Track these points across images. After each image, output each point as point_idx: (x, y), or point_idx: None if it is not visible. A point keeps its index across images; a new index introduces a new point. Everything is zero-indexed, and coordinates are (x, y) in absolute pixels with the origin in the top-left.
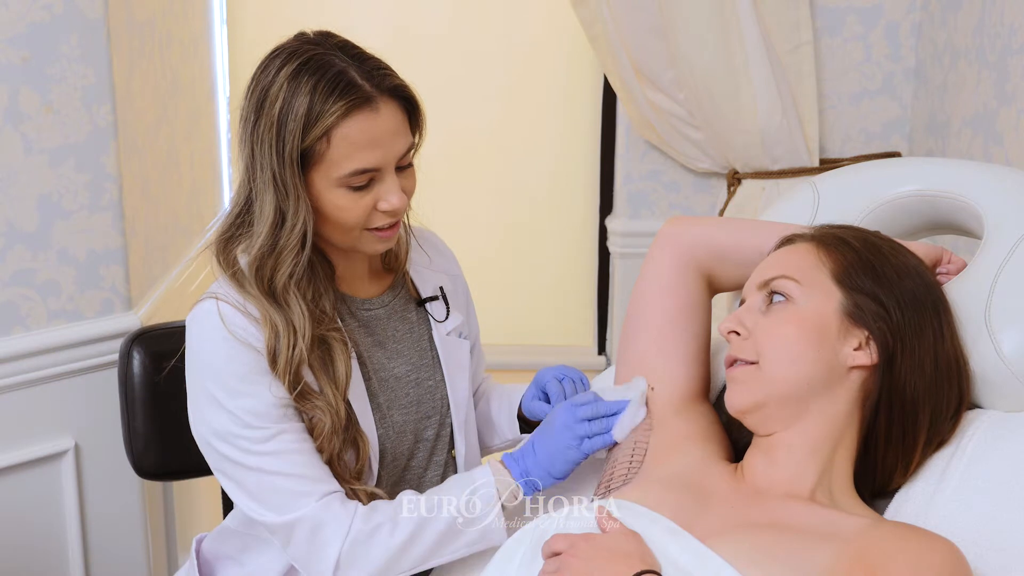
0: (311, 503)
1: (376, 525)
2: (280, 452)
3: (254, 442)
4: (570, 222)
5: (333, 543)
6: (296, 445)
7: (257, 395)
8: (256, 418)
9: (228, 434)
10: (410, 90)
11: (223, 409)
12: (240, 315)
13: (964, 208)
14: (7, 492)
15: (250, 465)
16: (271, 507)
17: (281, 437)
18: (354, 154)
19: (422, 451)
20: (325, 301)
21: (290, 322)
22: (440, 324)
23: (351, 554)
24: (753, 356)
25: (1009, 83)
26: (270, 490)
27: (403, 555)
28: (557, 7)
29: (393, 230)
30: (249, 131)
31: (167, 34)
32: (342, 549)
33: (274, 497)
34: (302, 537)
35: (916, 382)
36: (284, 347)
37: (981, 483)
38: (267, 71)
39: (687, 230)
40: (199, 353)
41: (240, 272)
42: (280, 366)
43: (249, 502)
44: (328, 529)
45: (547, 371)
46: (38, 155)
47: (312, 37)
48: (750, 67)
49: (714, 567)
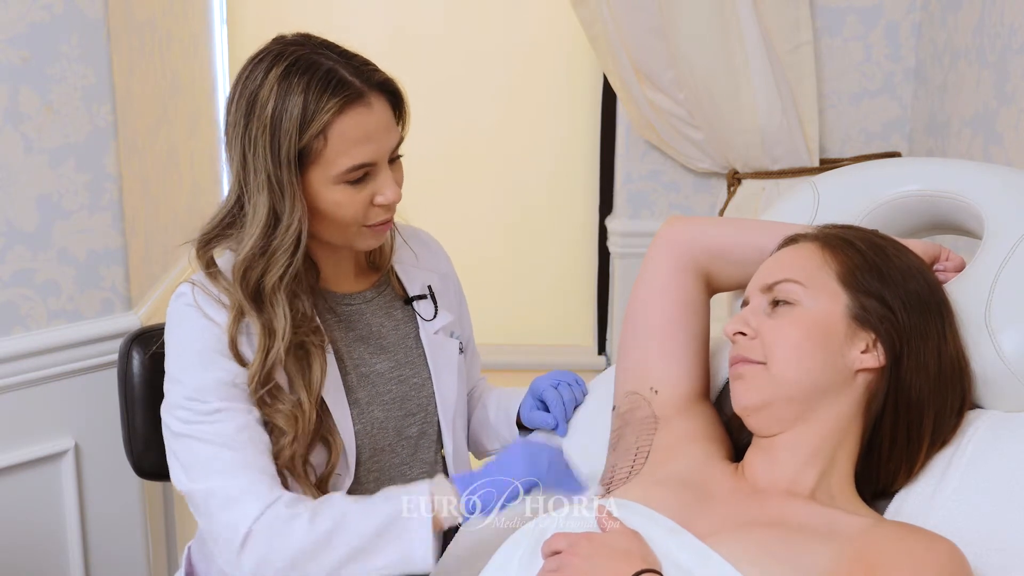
0: (234, 478)
1: (297, 512)
2: (218, 424)
3: (195, 413)
4: (570, 222)
5: (245, 518)
6: (236, 426)
7: (209, 371)
8: (201, 392)
9: (175, 405)
10: (396, 84)
11: (177, 383)
12: (212, 300)
13: (964, 208)
14: (7, 492)
15: (185, 433)
16: (193, 474)
17: (222, 415)
18: (351, 150)
19: (404, 448)
20: (305, 302)
21: (268, 326)
22: (427, 323)
23: (264, 535)
24: (761, 356)
25: (1009, 83)
26: (194, 456)
27: (316, 555)
28: (557, 7)
29: (387, 224)
30: (239, 136)
31: (167, 34)
32: (253, 527)
33: (197, 465)
34: (215, 506)
35: (921, 384)
36: (259, 350)
37: (981, 483)
38: (253, 75)
39: (686, 230)
40: (171, 332)
41: (217, 271)
42: (252, 368)
43: (176, 468)
44: (244, 503)
45: (541, 379)
46: (38, 155)
47: (293, 39)
48: (750, 67)
49: (714, 566)
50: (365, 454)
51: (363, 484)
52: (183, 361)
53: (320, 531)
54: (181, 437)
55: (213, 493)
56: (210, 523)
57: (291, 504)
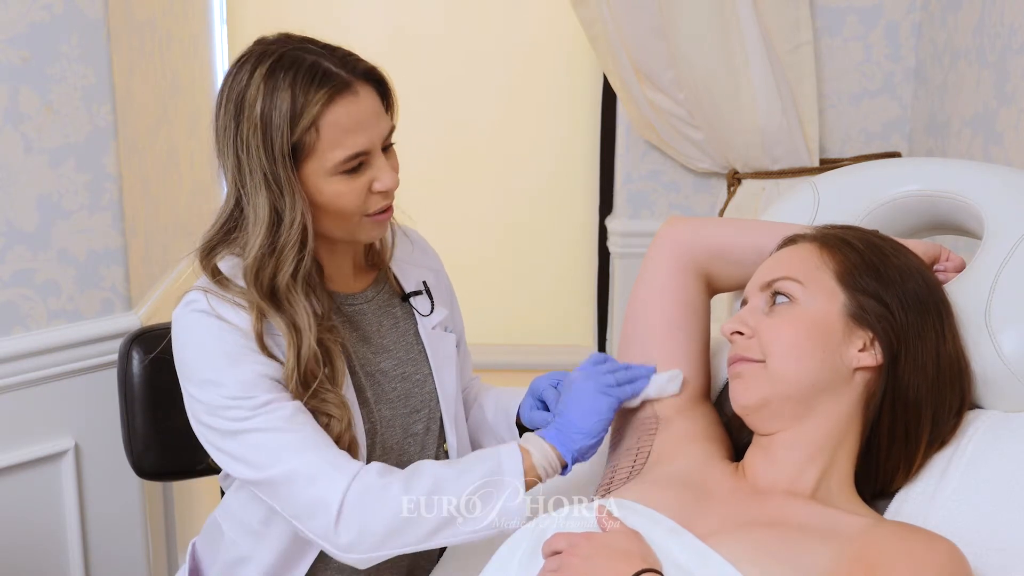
0: (309, 455)
1: (388, 481)
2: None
3: (247, 409)
4: (570, 222)
5: (336, 491)
6: (290, 411)
7: (245, 367)
8: (245, 388)
9: (219, 408)
10: (381, 72)
11: (213, 385)
12: (227, 304)
13: (964, 208)
14: (7, 492)
15: (243, 429)
16: (265, 462)
17: (273, 405)
18: (344, 139)
19: (412, 445)
20: (322, 300)
21: (292, 323)
22: (425, 318)
23: (358, 505)
24: (759, 355)
25: (1009, 83)
26: (260, 447)
27: (415, 521)
28: (557, 7)
29: (388, 213)
30: (231, 139)
31: (167, 34)
32: (345, 498)
33: (267, 453)
34: (300, 486)
35: (919, 383)
36: (289, 348)
37: (981, 483)
38: (238, 78)
39: (686, 230)
40: (189, 340)
41: (224, 279)
42: (287, 369)
43: (237, 465)
44: (330, 477)
45: (540, 379)
46: (38, 155)
47: (274, 38)
48: (750, 67)
49: (714, 566)
50: (375, 453)
51: None
52: (214, 363)
53: (417, 496)
54: (237, 435)
55: (295, 473)
56: (295, 505)
57: (382, 473)
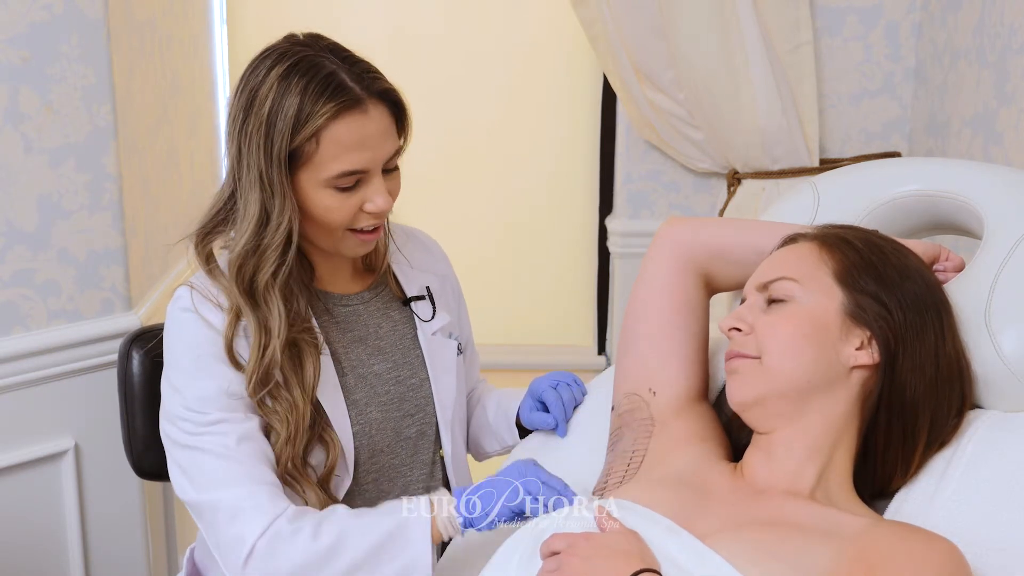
0: (238, 490)
1: (299, 527)
2: (219, 436)
3: (197, 424)
4: (570, 222)
5: (251, 533)
6: (237, 436)
7: (207, 380)
8: (201, 402)
9: (176, 416)
10: (399, 94)
11: (176, 392)
12: (210, 304)
13: (964, 208)
14: (7, 492)
15: (190, 444)
16: (198, 486)
17: (222, 426)
18: (342, 155)
19: (403, 449)
20: (300, 301)
21: (264, 323)
22: (425, 324)
23: (267, 550)
24: (755, 351)
25: (1009, 83)
26: (199, 468)
27: (318, 569)
28: (557, 7)
29: (375, 233)
30: (237, 129)
31: (167, 34)
32: (257, 542)
33: (202, 477)
34: (221, 520)
35: (917, 383)
36: (254, 347)
37: (981, 483)
38: (257, 71)
39: (685, 230)
40: (169, 338)
41: (217, 268)
42: (249, 367)
43: (180, 479)
44: (249, 516)
45: (540, 380)
46: (38, 155)
47: (302, 39)
48: (750, 67)
49: (714, 566)
50: (364, 455)
51: (362, 485)
52: (181, 369)
53: (322, 546)
54: (185, 448)
55: (219, 505)
56: (216, 535)
57: (294, 519)
